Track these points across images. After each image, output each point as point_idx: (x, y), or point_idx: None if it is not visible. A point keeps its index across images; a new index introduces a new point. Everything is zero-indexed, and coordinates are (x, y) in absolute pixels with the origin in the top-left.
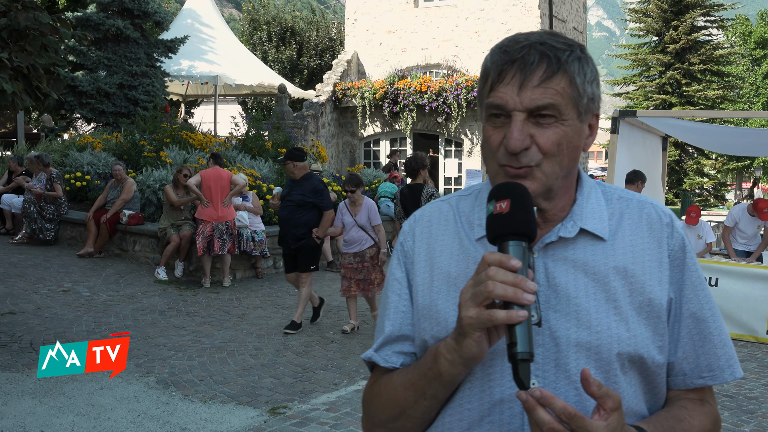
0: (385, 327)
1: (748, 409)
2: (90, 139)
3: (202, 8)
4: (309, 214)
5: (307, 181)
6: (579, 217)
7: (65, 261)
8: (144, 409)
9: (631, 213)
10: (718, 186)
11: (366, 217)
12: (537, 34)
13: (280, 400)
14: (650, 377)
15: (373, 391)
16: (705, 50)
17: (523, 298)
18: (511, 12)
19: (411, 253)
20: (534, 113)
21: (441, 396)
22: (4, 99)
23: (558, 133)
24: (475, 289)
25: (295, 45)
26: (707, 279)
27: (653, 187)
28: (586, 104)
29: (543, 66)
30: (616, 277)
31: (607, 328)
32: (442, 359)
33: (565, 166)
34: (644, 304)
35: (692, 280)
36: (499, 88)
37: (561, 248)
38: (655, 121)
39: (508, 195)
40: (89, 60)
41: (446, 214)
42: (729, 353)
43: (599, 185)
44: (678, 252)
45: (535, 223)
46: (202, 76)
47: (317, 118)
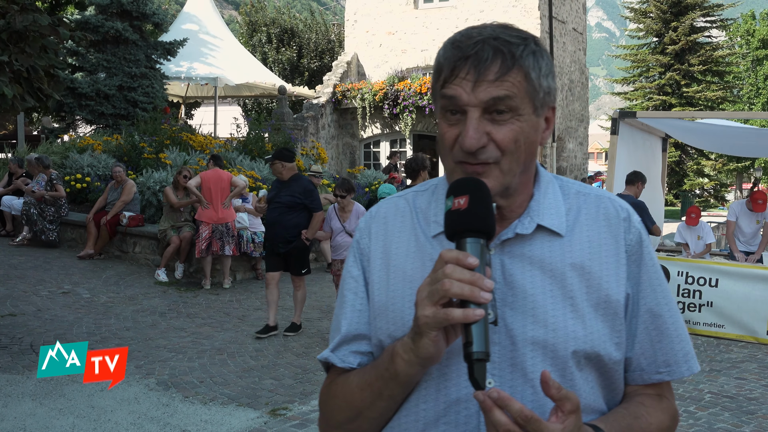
0: (342, 326)
1: (748, 410)
2: (90, 141)
3: (201, 10)
4: (299, 216)
5: (296, 182)
6: (536, 213)
7: (65, 263)
8: (144, 411)
9: (589, 208)
10: (718, 187)
11: (356, 222)
12: (490, 27)
13: (281, 401)
14: (608, 374)
15: (329, 392)
16: (704, 51)
17: (480, 296)
18: (510, 13)
19: (367, 251)
20: (489, 109)
21: (398, 396)
22: (5, 102)
23: (515, 129)
24: (431, 287)
25: (295, 46)
26: (707, 280)
27: (653, 188)
28: (542, 98)
29: (497, 62)
30: (573, 274)
31: (564, 326)
32: (398, 359)
33: (523, 162)
34: (601, 301)
35: (649, 275)
36: (453, 83)
37: (518, 245)
38: (655, 122)
39: (467, 191)
40: (88, 62)
41: (402, 211)
42: (686, 348)
43: (557, 179)
44: (635, 247)
45: (493, 220)
46: (202, 78)
47: (317, 120)
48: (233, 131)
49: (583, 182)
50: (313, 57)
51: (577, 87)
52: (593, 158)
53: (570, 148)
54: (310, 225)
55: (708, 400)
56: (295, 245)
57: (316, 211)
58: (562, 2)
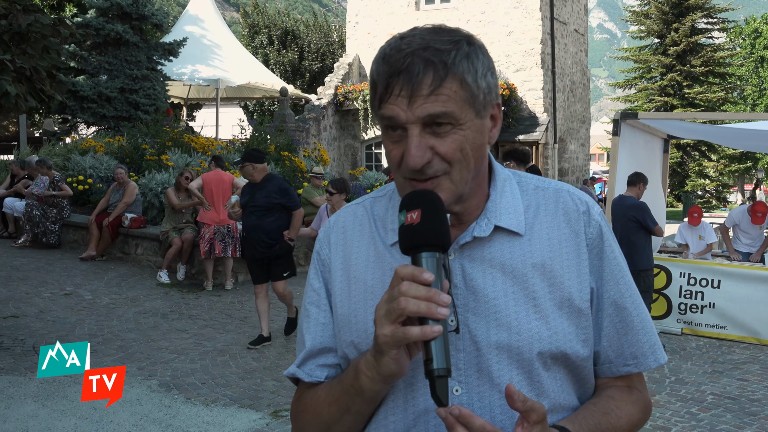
0: (306, 341)
1: (750, 411)
2: (92, 142)
3: (203, 11)
4: (279, 218)
5: (270, 182)
6: (493, 214)
7: (67, 264)
8: (146, 412)
9: (548, 203)
10: (720, 188)
11: None
12: (419, 35)
13: (282, 403)
14: (576, 370)
15: (299, 407)
16: (706, 52)
17: (436, 312)
18: (512, 14)
19: (328, 261)
20: (429, 123)
21: (365, 411)
22: (8, 101)
23: (457, 139)
24: (388, 305)
25: (296, 48)
26: (709, 281)
27: (654, 190)
28: (482, 100)
29: (429, 75)
30: (535, 274)
31: (527, 328)
32: (362, 376)
33: (473, 168)
34: (565, 299)
35: (611, 268)
36: (389, 100)
37: (477, 248)
38: (656, 123)
39: (419, 204)
40: (90, 65)
41: (361, 219)
42: (652, 339)
43: (515, 176)
44: (596, 240)
45: (448, 233)
46: (204, 80)
47: (319, 121)
48: (236, 133)
49: (584, 183)
50: (314, 59)
51: (578, 88)
52: (595, 159)
53: (572, 150)
54: (292, 224)
55: (710, 401)
56: (279, 248)
57: (296, 209)
58: (564, 3)
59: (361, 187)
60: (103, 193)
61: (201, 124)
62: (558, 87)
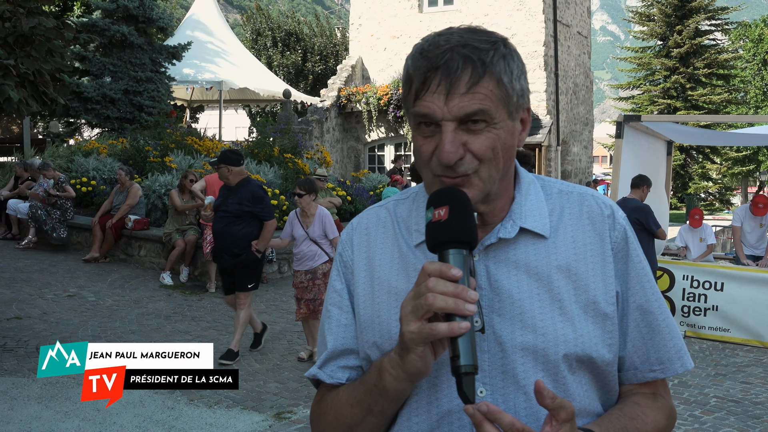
0: (328, 342)
1: (754, 414)
2: (96, 144)
3: (207, 14)
4: (248, 226)
5: (244, 187)
6: (518, 216)
7: (71, 266)
8: (149, 414)
9: (572, 207)
10: (724, 190)
11: (320, 229)
12: (457, 33)
13: (285, 404)
14: (601, 375)
15: (320, 409)
16: (709, 54)
17: (464, 308)
18: (515, 17)
19: (350, 263)
20: (464, 120)
21: (389, 412)
22: (10, 106)
23: (491, 137)
24: (415, 302)
25: (299, 50)
26: (712, 284)
27: (657, 192)
28: (516, 102)
29: (468, 71)
30: (560, 276)
31: (553, 330)
32: (386, 375)
33: (502, 168)
34: (590, 302)
35: (637, 272)
36: (425, 97)
37: (502, 249)
38: (659, 126)
39: (447, 201)
40: (94, 66)
41: (384, 220)
42: (678, 345)
43: (539, 179)
44: (621, 244)
45: (475, 230)
46: (207, 82)
47: (322, 123)
48: (242, 136)
49: (587, 185)
50: (317, 61)
51: (581, 90)
52: (598, 162)
53: (575, 152)
54: (261, 235)
55: (713, 404)
56: (245, 258)
57: (268, 220)
58: (567, 6)
59: (364, 190)
60: (106, 195)
61: (204, 126)
62: (561, 89)
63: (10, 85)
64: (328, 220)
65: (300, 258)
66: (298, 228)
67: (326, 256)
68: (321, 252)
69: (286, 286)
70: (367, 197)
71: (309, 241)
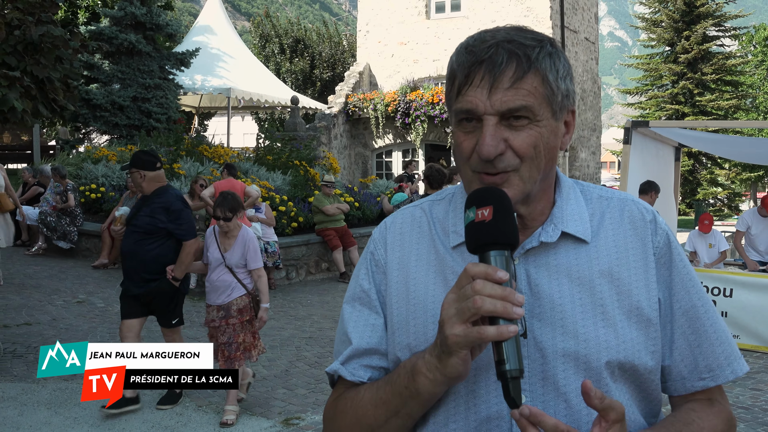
0: (352, 339)
1: (764, 421)
2: (105, 151)
3: (215, 21)
4: (162, 246)
5: (159, 197)
6: (559, 220)
7: (80, 272)
8: (158, 420)
9: (612, 212)
10: (733, 196)
11: (240, 255)
12: (504, 30)
13: (293, 411)
14: (643, 384)
15: (337, 408)
16: (717, 60)
17: (513, 312)
18: (522, 23)
19: (383, 262)
20: (506, 116)
21: (416, 414)
22: (14, 116)
23: (533, 134)
24: (460, 304)
25: (307, 57)
26: (721, 290)
27: (666, 198)
28: (560, 101)
29: (513, 66)
30: (602, 281)
31: (595, 336)
32: (421, 378)
33: (543, 169)
34: (633, 307)
35: (681, 277)
36: (468, 91)
37: (542, 254)
38: (667, 131)
39: (490, 201)
40: (103, 73)
41: (419, 221)
42: (728, 350)
43: (578, 184)
44: (664, 249)
45: (518, 231)
46: (215, 89)
47: (329, 130)
48: (251, 143)
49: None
50: (325, 67)
51: (589, 96)
52: (606, 167)
53: (582, 158)
54: (179, 258)
55: None
56: (158, 286)
57: (186, 239)
58: (574, 12)
59: (371, 196)
60: (115, 202)
61: (212, 133)
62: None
63: (14, 95)
64: (252, 246)
65: (212, 288)
66: (214, 250)
67: (243, 289)
68: (237, 284)
69: (294, 293)
70: (374, 203)
71: (224, 268)
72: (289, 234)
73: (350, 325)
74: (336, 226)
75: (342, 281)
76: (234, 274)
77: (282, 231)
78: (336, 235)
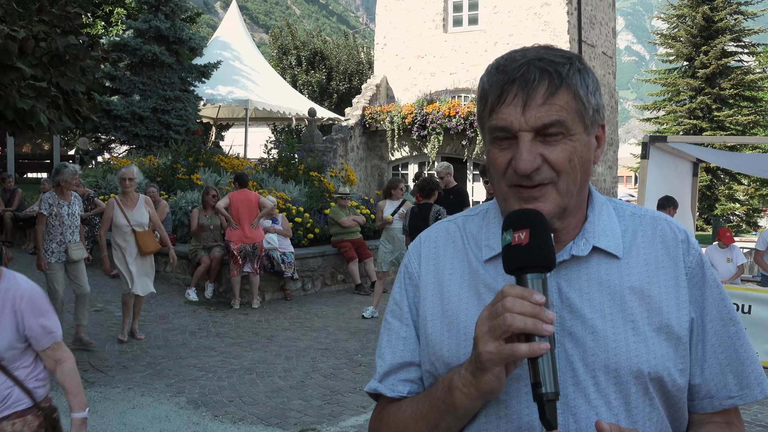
0: (386, 355)
1: None
2: (126, 162)
3: (233, 34)
4: None
5: None
6: (591, 234)
7: (98, 281)
8: (175, 429)
9: (645, 230)
10: (751, 212)
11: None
12: (533, 49)
13: (309, 422)
14: (671, 400)
15: (381, 422)
16: (736, 75)
17: (543, 328)
18: (540, 37)
19: (416, 276)
20: (541, 131)
21: (455, 428)
22: (41, 128)
23: (567, 149)
24: (492, 322)
25: (324, 69)
26: (739, 307)
27: (683, 213)
28: (591, 116)
29: (545, 83)
30: (633, 297)
31: (626, 349)
32: (457, 393)
33: (579, 182)
34: (663, 325)
35: (714, 297)
36: (502, 109)
37: (574, 267)
38: (685, 147)
39: (527, 224)
40: (124, 84)
41: (453, 235)
42: (757, 370)
43: (610, 201)
44: (696, 269)
45: (554, 252)
46: (233, 100)
47: (346, 142)
48: (270, 155)
49: None
50: (342, 80)
51: (606, 111)
52: (622, 182)
53: (599, 172)
54: None
55: None
56: None
57: None
58: (592, 26)
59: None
60: None
61: (230, 144)
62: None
63: (41, 106)
64: (31, 304)
65: None
66: None
67: (27, 399)
68: (14, 389)
69: (310, 303)
70: None
71: None
72: (305, 245)
73: (383, 341)
74: (352, 238)
75: (357, 293)
76: (7, 372)
77: (298, 242)
78: (352, 246)
